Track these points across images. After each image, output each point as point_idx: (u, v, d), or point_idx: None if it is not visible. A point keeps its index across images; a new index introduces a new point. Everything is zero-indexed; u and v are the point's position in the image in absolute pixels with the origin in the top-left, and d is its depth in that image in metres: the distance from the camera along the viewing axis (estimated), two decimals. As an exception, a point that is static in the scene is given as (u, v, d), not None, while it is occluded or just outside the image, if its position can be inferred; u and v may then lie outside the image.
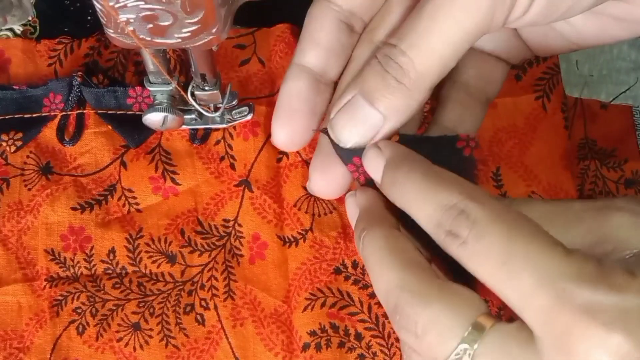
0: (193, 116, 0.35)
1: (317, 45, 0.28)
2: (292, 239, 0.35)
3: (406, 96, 0.24)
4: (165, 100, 0.33)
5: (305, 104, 0.28)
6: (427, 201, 0.22)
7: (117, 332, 0.34)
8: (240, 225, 0.35)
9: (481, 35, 0.24)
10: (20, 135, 0.36)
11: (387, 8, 0.27)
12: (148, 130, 0.35)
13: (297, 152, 0.36)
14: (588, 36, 0.28)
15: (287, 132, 0.28)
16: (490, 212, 0.21)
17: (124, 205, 0.35)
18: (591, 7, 0.25)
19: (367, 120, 0.25)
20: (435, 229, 0.22)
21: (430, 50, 0.24)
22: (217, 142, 0.36)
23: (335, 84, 0.29)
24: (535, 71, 0.39)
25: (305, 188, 0.36)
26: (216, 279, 0.34)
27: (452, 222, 0.21)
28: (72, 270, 0.34)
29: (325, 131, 0.27)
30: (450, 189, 0.22)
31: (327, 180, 0.28)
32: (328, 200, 0.36)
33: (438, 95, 0.31)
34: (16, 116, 0.36)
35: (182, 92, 0.33)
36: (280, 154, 0.36)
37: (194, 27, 0.26)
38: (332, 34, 0.28)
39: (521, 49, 0.31)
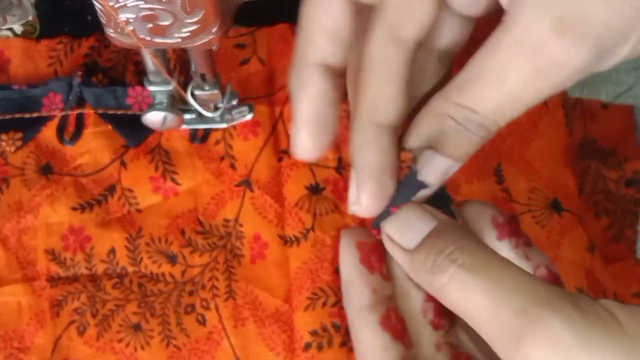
0: (193, 116, 0.35)
1: (329, 35, 0.25)
2: (293, 239, 0.35)
3: (480, 144, 0.25)
4: (165, 100, 0.33)
5: (332, 107, 0.26)
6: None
7: (118, 332, 0.34)
8: (241, 225, 0.35)
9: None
10: (20, 135, 0.36)
11: (413, 1, 0.24)
12: (148, 130, 0.35)
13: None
14: None
15: (316, 141, 0.26)
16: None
17: (124, 205, 0.35)
18: None
19: (441, 168, 0.25)
20: None
21: (516, 114, 0.24)
22: (217, 142, 0.36)
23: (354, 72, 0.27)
24: (536, 69, 0.39)
25: (307, 187, 0.36)
26: (217, 279, 0.34)
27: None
28: (72, 270, 0.34)
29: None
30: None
31: (380, 202, 0.26)
32: (330, 200, 0.36)
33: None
34: (16, 116, 0.36)
35: (182, 92, 0.33)
36: (281, 154, 0.36)
37: (194, 27, 0.26)
38: (343, 19, 0.25)
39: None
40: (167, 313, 0.34)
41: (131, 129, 0.36)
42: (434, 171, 0.25)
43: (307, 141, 0.26)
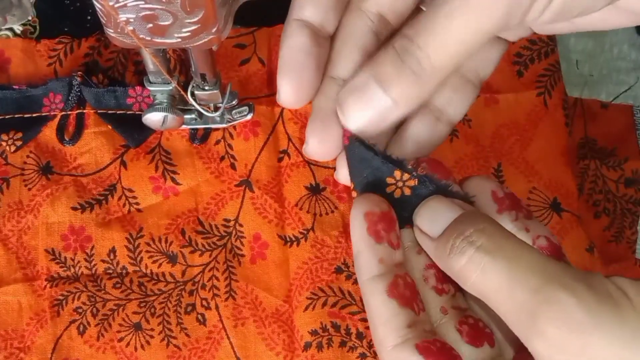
0: (193, 116, 0.35)
1: (316, 0, 0.28)
2: (293, 239, 0.35)
3: (419, 87, 0.26)
4: (165, 100, 0.33)
5: (310, 58, 0.28)
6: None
7: (118, 332, 0.34)
8: (241, 225, 0.35)
9: (496, 33, 0.25)
10: (20, 135, 0.36)
11: None
12: (148, 130, 0.35)
13: (299, 152, 0.36)
14: (593, 21, 0.28)
15: (294, 88, 0.28)
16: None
17: (124, 205, 0.35)
18: (608, 4, 0.26)
19: (378, 104, 0.26)
20: None
21: (447, 49, 0.25)
22: (217, 142, 0.36)
23: (331, 38, 0.30)
24: (537, 68, 0.39)
25: (307, 187, 0.36)
26: (217, 278, 0.34)
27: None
28: (72, 270, 0.34)
29: (355, 138, 0.28)
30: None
31: (325, 143, 0.29)
32: (330, 200, 0.36)
33: None
34: (16, 116, 0.36)
35: (182, 92, 0.33)
36: (281, 154, 0.36)
37: (193, 27, 0.26)
38: None
39: (520, 26, 0.31)
40: (167, 313, 0.34)
41: (131, 129, 0.36)
42: (368, 104, 0.26)
43: (286, 88, 0.28)
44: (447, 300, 0.28)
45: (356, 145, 0.28)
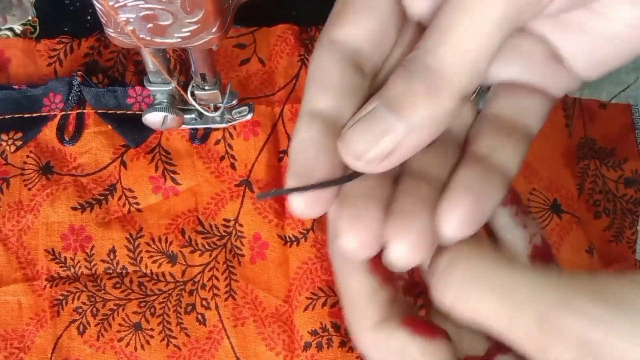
0: (193, 116, 0.35)
1: (327, 88, 0.24)
2: (293, 238, 0.35)
3: (435, 103, 0.22)
4: (165, 100, 0.33)
5: (322, 153, 0.23)
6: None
7: (118, 332, 0.34)
8: (241, 225, 0.35)
9: (515, 25, 0.21)
10: (20, 135, 0.36)
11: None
12: (148, 130, 0.35)
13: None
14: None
15: (307, 196, 0.23)
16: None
17: (124, 205, 0.35)
18: None
19: (387, 131, 0.22)
20: None
21: (459, 45, 0.21)
22: (217, 142, 0.36)
23: None
24: (535, 70, 0.39)
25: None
26: (217, 278, 0.34)
27: None
28: (72, 270, 0.34)
29: None
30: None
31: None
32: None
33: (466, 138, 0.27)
34: (16, 116, 0.36)
35: (182, 92, 0.33)
36: (281, 154, 0.36)
37: (193, 27, 0.26)
38: (341, 74, 0.24)
39: (564, 77, 0.26)
40: (167, 312, 0.34)
41: (131, 129, 0.36)
42: (378, 135, 0.22)
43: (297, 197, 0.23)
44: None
45: None
